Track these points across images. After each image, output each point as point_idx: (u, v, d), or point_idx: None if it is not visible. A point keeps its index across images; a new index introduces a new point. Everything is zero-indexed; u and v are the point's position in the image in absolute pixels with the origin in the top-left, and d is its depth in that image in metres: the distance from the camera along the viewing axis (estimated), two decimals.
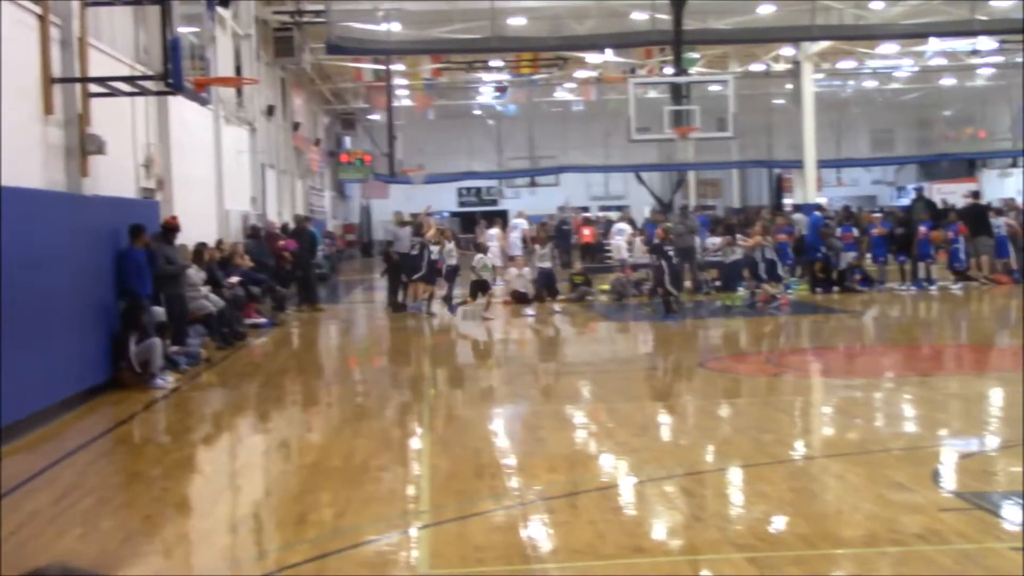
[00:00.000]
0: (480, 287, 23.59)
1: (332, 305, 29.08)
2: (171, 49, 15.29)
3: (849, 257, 27.01)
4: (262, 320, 22.65)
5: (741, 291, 24.72)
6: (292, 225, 29.22)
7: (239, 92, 26.92)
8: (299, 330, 23.33)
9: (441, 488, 9.09)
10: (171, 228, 17.65)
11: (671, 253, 22.53)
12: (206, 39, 17.64)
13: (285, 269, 25.98)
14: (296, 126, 40.22)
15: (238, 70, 28.60)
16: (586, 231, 42.14)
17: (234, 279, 21.57)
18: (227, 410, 14.21)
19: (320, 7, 29.90)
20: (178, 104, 20.66)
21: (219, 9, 24.23)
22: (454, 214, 57.42)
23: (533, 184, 60.39)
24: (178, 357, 16.43)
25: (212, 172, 25.21)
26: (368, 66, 42.40)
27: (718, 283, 26.69)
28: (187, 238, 19.85)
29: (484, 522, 8.08)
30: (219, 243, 22.95)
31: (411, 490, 9.20)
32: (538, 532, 7.76)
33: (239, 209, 27.86)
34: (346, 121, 57.02)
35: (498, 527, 7.95)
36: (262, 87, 32.21)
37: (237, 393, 15.16)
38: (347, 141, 59.01)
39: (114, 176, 17.00)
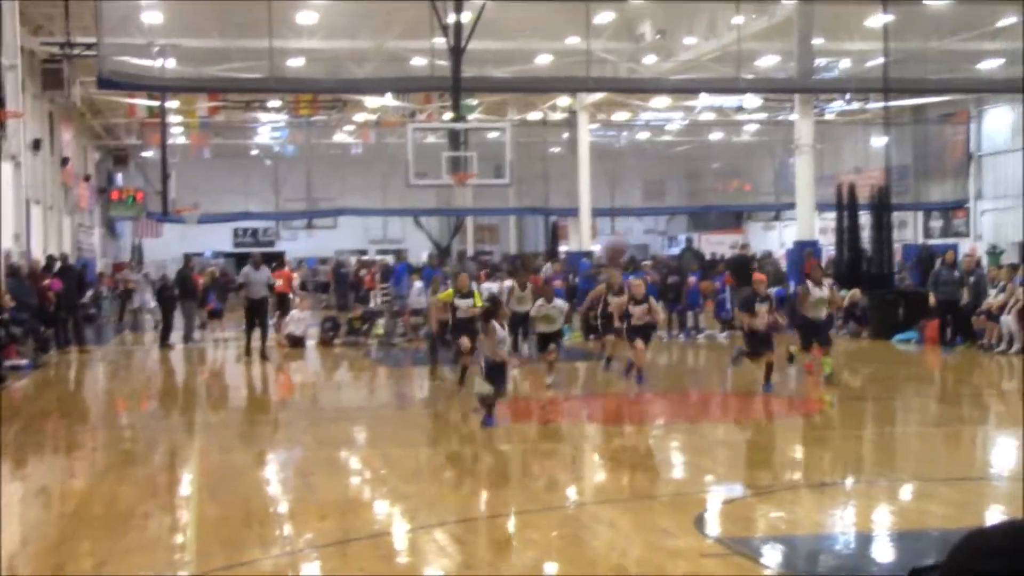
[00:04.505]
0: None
1: (100, 346, 28.20)
2: None
3: None
4: (23, 362, 21.78)
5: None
6: (58, 263, 28.25)
7: (2, 125, 25.93)
8: (63, 372, 22.53)
9: (208, 536, 8.86)
10: None
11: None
12: None
13: (48, 309, 25.07)
14: (65, 161, 38.94)
15: (1, 102, 27.55)
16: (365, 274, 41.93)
17: None
18: None
19: (92, 40, 29.09)
20: None
21: None
22: (228, 255, 56.44)
23: (310, 226, 60.01)
24: None
25: None
26: (142, 102, 41.39)
27: None
28: None
29: (252, 571, 7.91)
30: None
31: (177, 538, 8.95)
32: None
33: (1, 246, 26.77)
34: (118, 157, 55.49)
35: None
36: (28, 120, 31.11)
37: None
38: (119, 178, 57.38)
39: None
